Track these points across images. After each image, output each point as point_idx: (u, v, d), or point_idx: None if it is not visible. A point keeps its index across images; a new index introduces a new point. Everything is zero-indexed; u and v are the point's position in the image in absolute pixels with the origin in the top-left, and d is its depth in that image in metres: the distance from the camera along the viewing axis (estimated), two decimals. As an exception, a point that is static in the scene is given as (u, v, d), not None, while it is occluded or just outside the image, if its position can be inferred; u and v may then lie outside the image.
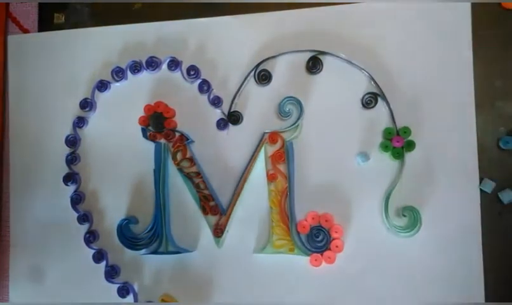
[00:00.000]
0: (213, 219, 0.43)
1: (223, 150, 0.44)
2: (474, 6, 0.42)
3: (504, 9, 0.42)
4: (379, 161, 0.42)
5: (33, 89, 0.47)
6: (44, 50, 0.48)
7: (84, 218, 0.45)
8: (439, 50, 0.42)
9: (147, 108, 0.45)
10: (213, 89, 0.44)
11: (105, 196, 0.46)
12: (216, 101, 0.44)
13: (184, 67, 0.45)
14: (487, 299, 0.40)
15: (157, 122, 0.44)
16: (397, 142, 0.41)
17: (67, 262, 0.45)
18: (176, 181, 0.44)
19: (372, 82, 0.43)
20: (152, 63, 0.45)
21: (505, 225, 0.41)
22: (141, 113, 0.45)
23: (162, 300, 0.43)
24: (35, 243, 0.46)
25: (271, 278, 0.43)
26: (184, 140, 0.44)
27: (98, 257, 0.44)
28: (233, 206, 0.43)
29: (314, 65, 0.43)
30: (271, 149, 0.43)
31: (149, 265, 0.44)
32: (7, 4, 0.49)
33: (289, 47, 0.44)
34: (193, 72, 0.44)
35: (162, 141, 0.44)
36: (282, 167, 0.42)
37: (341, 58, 0.43)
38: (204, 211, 0.43)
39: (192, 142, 0.44)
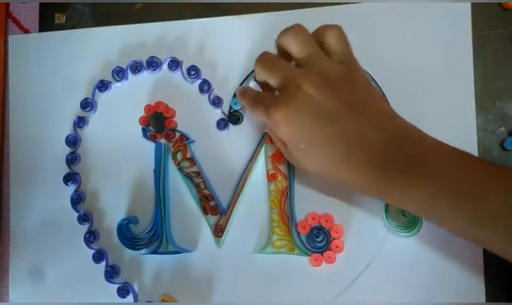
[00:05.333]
0: (213, 219, 0.43)
1: (224, 150, 0.44)
2: (474, 6, 0.42)
3: (504, 9, 0.42)
4: (379, 161, 0.42)
5: (34, 89, 0.47)
6: (45, 50, 0.48)
7: (84, 218, 0.45)
8: (439, 50, 0.42)
9: (148, 108, 0.45)
10: (213, 89, 0.44)
11: (105, 195, 0.46)
12: (216, 101, 0.44)
13: (184, 67, 0.45)
14: (488, 299, 0.40)
15: (157, 122, 0.44)
16: (398, 142, 0.41)
17: (67, 262, 0.45)
18: (176, 181, 0.44)
19: (372, 82, 0.43)
20: (153, 63, 0.45)
21: (505, 225, 0.41)
22: (141, 113, 0.45)
23: (163, 300, 0.43)
24: (35, 243, 0.46)
25: (271, 278, 0.43)
26: (184, 139, 0.44)
27: (98, 257, 0.44)
28: (233, 206, 0.43)
29: (314, 65, 0.43)
30: (271, 149, 0.43)
31: (149, 265, 0.44)
32: (8, 4, 0.49)
33: (290, 47, 0.44)
34: (193, 72, 0.44)
35: (163, 141, 0.44)
36: (282, 167, 0.42)
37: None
38: (205, 211, 0.43)
39: (192, 141, 0.44)
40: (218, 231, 0.43)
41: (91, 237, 0.44)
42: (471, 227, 0.31)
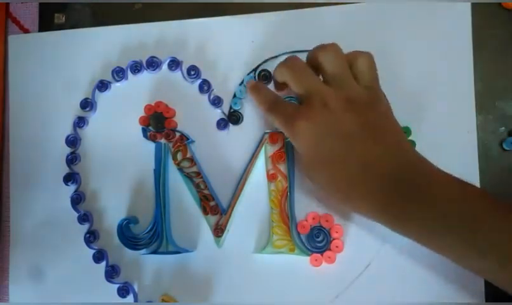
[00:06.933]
0: (213, 219, 0.43)
1: (224, 150, 0.44)
2: (474, 6, 0.42)
3: (504, 9, 0.42)
4: (379, 161, 0.42)
5: (34, 89, 0.47)
6: (45, 50, 0.48)
7: (84, 218, 0.45)
8: (439, 50, 0.42)
9: (147, 108, 0.45)
10: (213, 89, 0.44)
11: (105, 195, 0.46)
12: (216, 101, 0.44)
13: (184, 67, 0.45)
14: (487, 299, 0.40)
15: (157, 122, 0.44)
16: (398, 142, 0.41)
17: (67, 262, 0.45)
18: (176, 181, 0.44)
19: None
20: (153, 63, 0.45)
21: (505, 225, 0.41)
22: (141, 113, 0.45)
23: (163, 300, 0.43)
24: (35, 243, 0.46)
25: (271, 278, 0.43)
26: (184, 140, 0.44)
27: (98, 256, 0.44)
28: (233, 206, 0.43)
29: (314, 65, 0.43)
30: (271, 149, 0.43)
31: (149, 265, 0.44)
32: (8, 4, 0.49)
33: (289, 47, 0.44)
34: (193, 72, 0.44)
35: (163, 141, 0.44)
36: (282, 167, 0.42)
37: (341, 58, 0.43)
38: (205, 211, 0.43)
39: (192, 141, 0.44)
40: (218, 231, 0.43)
41: (91, 237, 0.44)
42: (470, 254, 0.32)
